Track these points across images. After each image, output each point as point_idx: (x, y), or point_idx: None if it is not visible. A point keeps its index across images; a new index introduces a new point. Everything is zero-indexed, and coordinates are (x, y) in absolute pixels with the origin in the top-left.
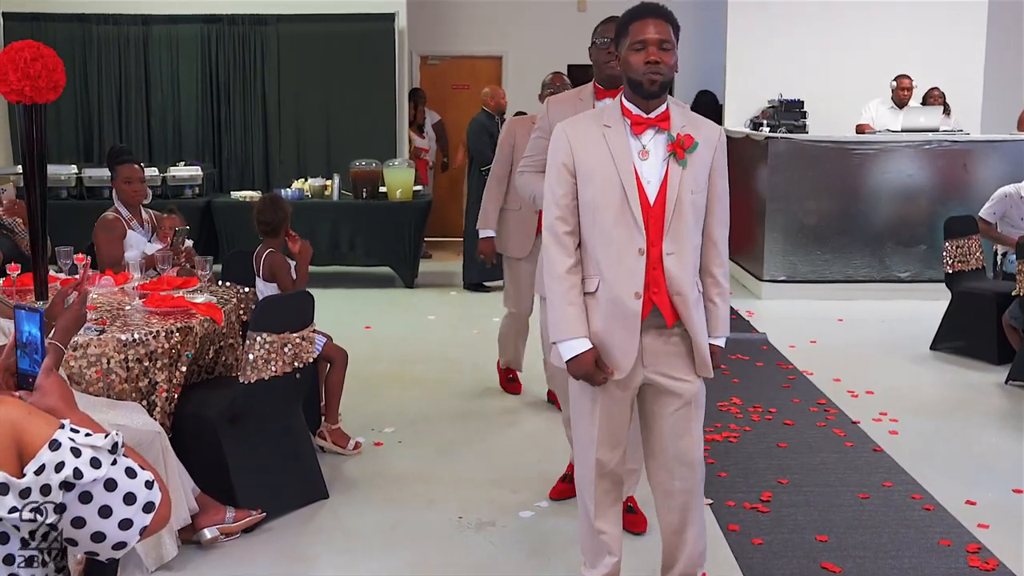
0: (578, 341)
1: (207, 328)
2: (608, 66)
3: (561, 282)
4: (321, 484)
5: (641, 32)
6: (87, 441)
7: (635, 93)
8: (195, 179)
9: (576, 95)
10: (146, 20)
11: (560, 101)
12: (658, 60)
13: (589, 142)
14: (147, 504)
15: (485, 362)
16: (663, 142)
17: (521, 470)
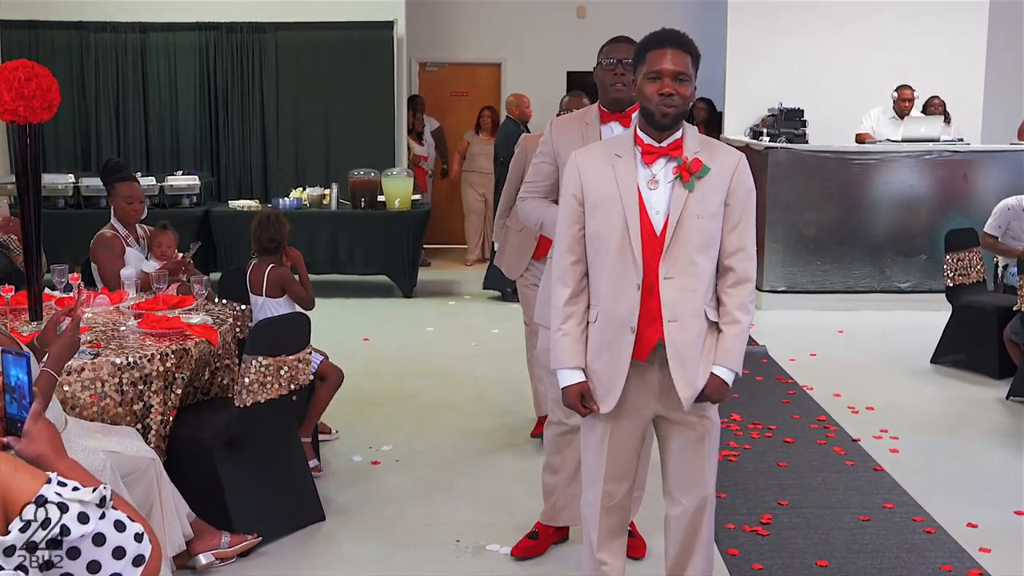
0: (569, 372)
1: (203, 350)
2: (614, 88)
3: (559, 312)
4: (317, 507)
5: (658, 62)
6: (74, 496)
7: (648, 123)
8: (193, 188)
9: (581, 118)
10: (144, 28)
11: (564, 124)
12: (672, 92)
13: (599, 172)
14: (137, 557)
15: (484, 376)
16: (673, 169)
17: (519, 492)
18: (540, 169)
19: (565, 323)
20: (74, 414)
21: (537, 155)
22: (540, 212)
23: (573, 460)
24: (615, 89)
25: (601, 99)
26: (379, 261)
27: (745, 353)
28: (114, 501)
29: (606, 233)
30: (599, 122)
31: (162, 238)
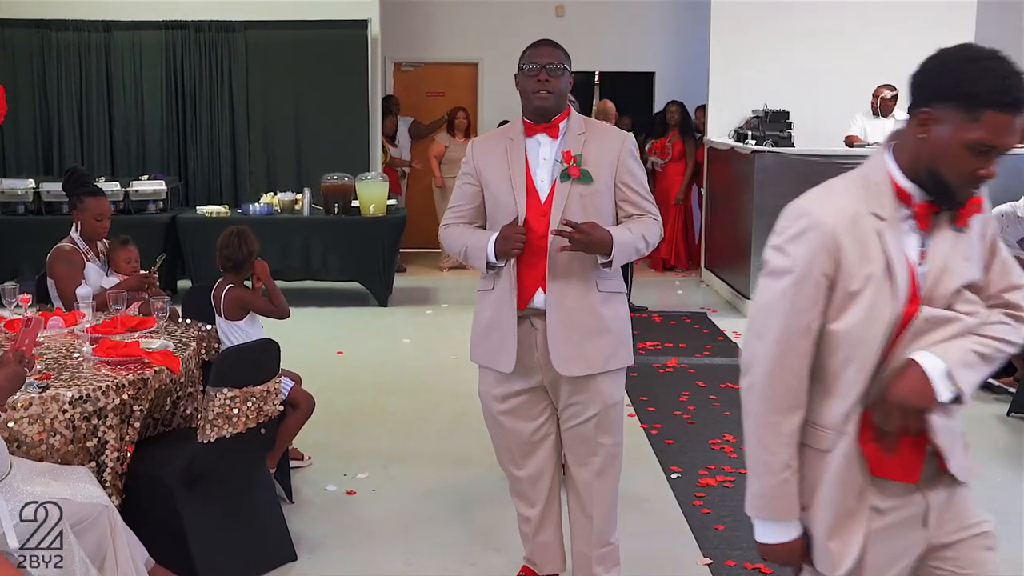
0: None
1: (163, 379)
2: (537, 96)
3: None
4: (288, 546)
5: None
6: None
7: None
8: (159, 194)
9: (504, 133)
10: (108, 26)
11: (486, 142)
12: None
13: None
14: None
15: (464, 391)
16: None
17: (505, 522)
18: (463, 191)
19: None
20: (20, 453)
21: (460, 176)
22: (464, 239)
23: (536, 511)
24: (538, 97)
25: (524, 110)
26: (353, 268)
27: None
28: None
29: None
30: (523, 136)
31: (123, 253)
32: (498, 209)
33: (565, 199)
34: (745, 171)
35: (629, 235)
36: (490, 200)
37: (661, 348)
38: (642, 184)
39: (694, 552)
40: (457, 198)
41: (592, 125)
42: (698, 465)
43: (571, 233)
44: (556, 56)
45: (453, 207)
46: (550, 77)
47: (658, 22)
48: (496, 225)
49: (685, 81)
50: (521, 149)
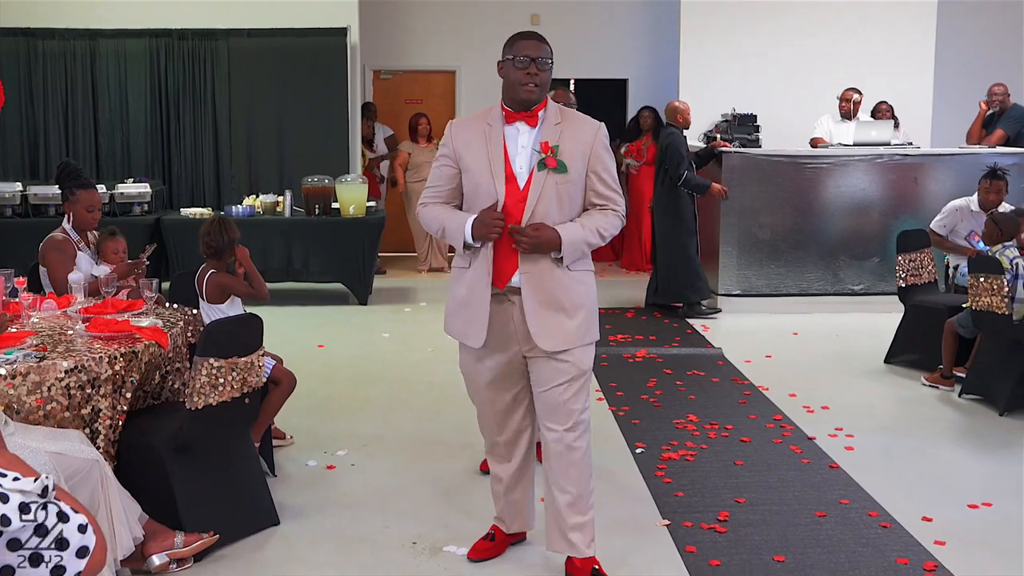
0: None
1: (152, 353)
2: (525, 88)
3: None
4: (272, 510)
5: None
6: (15, 486)
7: None
8: (144, 196)
9: (483, 118)
10: (93, 35)
11: (464, 125)
12: None
13: None
14: (80, 549)
15: (441, 381)
16: None
17: (477, 493)
18: (442, 172)
19: None
20: (19, 418)
21: (438, 157)
22: (442, 219)
23: (511, 469)
24: (526, 89)
25: (506, 98)
26: (334, 268)
27: (700, 355)
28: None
29: None
30: (503, 122)
31: (111, 244)
32: (477, 193)
33: (541, 187)
34: (713, 172)
35: (580, 231)
36: (468, 183)
37: (632, 340)
38: (611, 174)
39: (654, 515)
40: (435, 178)
41: (567, 115)
42: (661, 441)
43: (518, 238)
44: (545, 50)
45: (432, 187)
46: (539, 71)
47: (631, 30)
48: (474, 208)
49: (657, 87)
50: (500, 135)
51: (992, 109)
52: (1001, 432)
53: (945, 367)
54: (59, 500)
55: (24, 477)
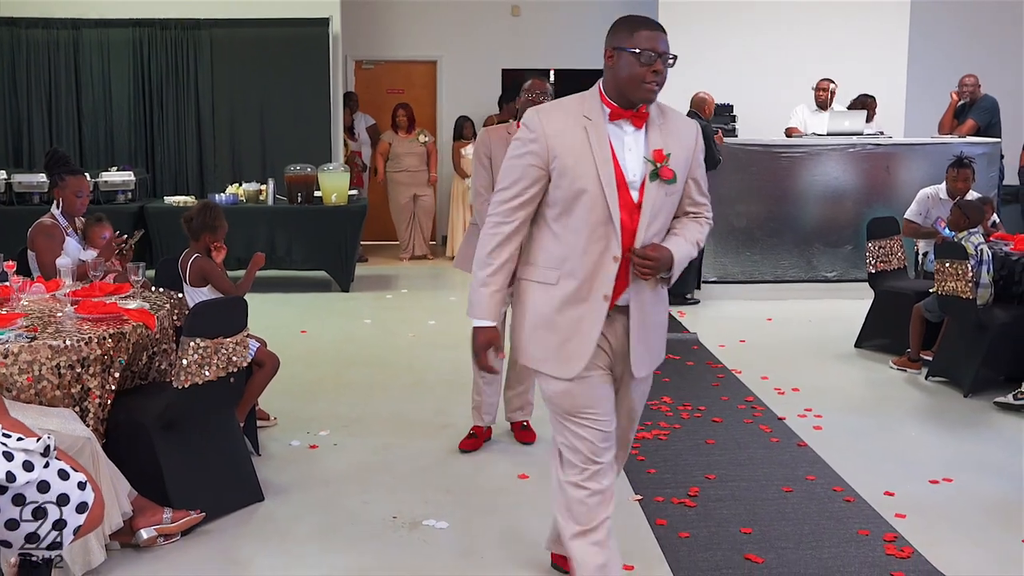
0: None
1: (140, 334)
2: (648, 87)
3: None
4: (256, 487)
5: None
6: (19, 445)
7: None
8: (128, 184)
9: (578, 110)
10: (76, 24)
11: (555, 116)
12: None
13: None
14: (80, 504)
15: (421, 365)
16: None
17: (454, 470)
18: (526, 173)
19: None
20: (10, 397)
21: (520, 153)
22: (485, 277)
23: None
24: (647, 89)
25: (612, 91)
26: (317, 256)
27: (676, 340)
28: (57, 453)
29: None
30: (606, 119)
31: (98, 229)
32: (578, 202)
33: (654, 199)
34: None
35: (687, 248)
36: (564, 189)
37: None
38: (705, 179)
39: (626, 490)
40: (514, 179)
41: (665, 113)
42: None
43: (642, 263)
44: (668, 43)
45: (506, 191)
46: (663, 68)
47: (610, 21)
48: (573, 218)
49: None
50: (604, 135)
51: (963, 100)
52: (964, 412)
53: (912, 350)
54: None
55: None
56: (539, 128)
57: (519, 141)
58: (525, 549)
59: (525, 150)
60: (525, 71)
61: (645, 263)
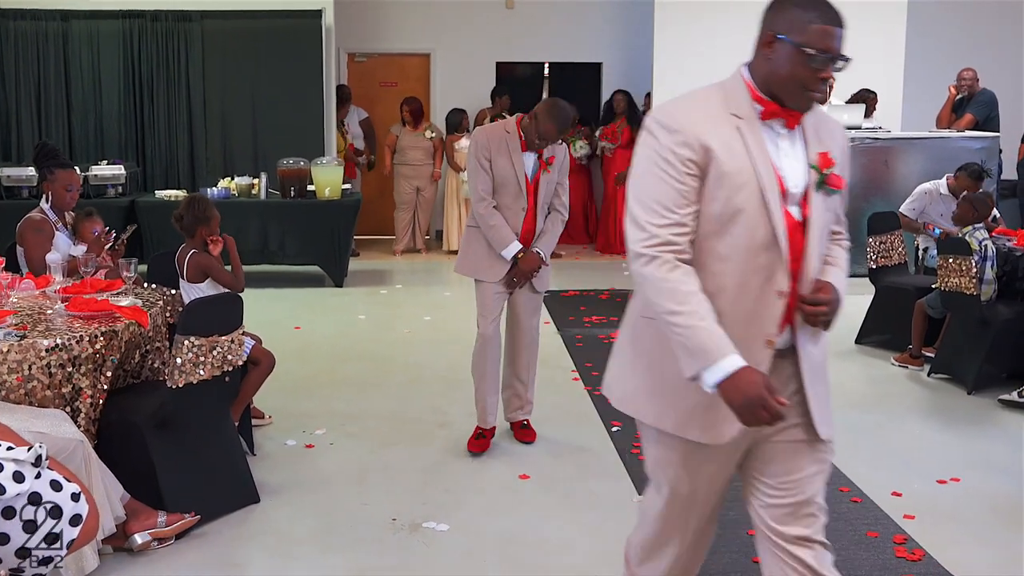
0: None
1: (132, 332)
2: (816, 91)
3: None
4: (252, 488)
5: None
6: (8, 455)
7: None
8: (118, 178)
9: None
10: (65, 15)
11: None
12: None
13: None
14: (74, 517)
15: (417, 361)
16: None
17: (453, 469)
18: (683, 185)
19: None
20: (0, 397)
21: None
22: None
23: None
24: (812, 96)
25: (767, 85)
26: (310, 251)
27: None
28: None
29: None
30: (758, 117)
31: (88, 224)
32: (735, 222)
33: (820, 215)
34: None
35: (844, 281)
36: (719, 205)
37: (607, 321)
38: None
39: (630, 491)
40: (674, 203)
41: (814, 109)
42: None
43: (816, 311)
44: (843, 40)
45: (670, 213)
46: (835, 71)
47: (605, 13)
48: (724, 242)
49: (632, 71)
50: (761, 138)
51: (961, 94)
52: (969, 409)
53: (914, 347)
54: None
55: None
56: (685, 124)
57: (661, 147)
58: (528, 552)
59: (677, 156)
60: (519, 64)
61: (819, 310)
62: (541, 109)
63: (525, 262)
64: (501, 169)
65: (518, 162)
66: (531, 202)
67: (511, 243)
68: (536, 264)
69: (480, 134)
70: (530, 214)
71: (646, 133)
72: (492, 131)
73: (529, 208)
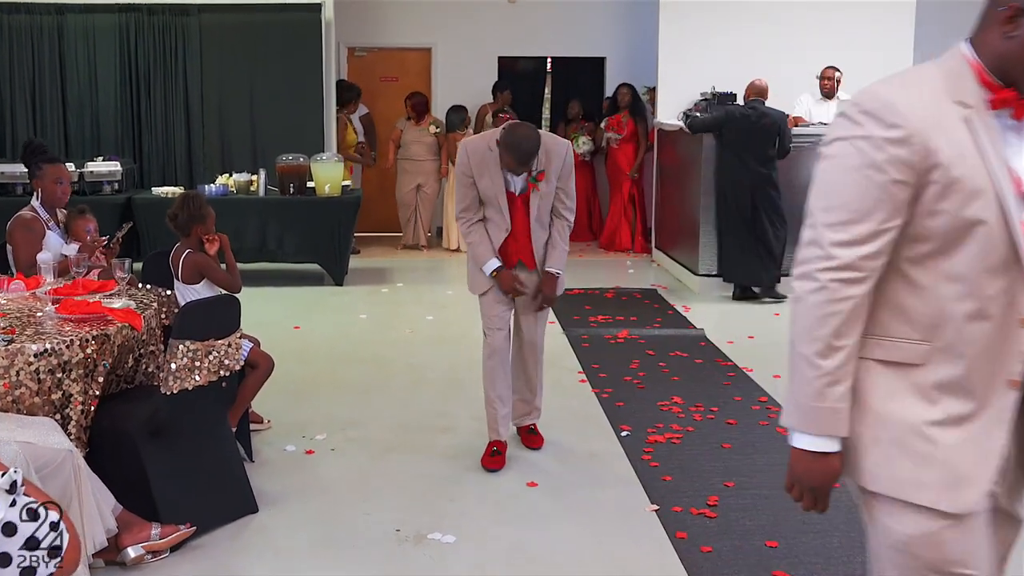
0: None
1: (125, 335)
2: None
3: None
4: (250, 497)
5: None
6: None
7: None
8: (114, 175)
9: (947, 92)
10: (61, 9)
11: (917, 100)
12: None
13: None
14: (52, 549)
15: (420, 363)
16: None
17: (459, 477)
18: (887, 194)
19: None
20: None
21: (876, 166)
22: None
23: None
24: None
25: (1001, 65)
26: (309, 248)
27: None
28: (26, 488)
29: None
30: (986, 106)
31: (81, 221)
32: (969, 236)
33: None
34: (693, 151)
35: None
36: (948, 215)
37: (612, 321)
38: None
39: (643, 500)
40: (866, 210)
41: None
42: (647, 424)
43: None
44: None
45: (854, 226)
46: None
47: (609, 7)
48: (954, 260)
49: (636, 65)
50: (993, 131)
51: None
52: None
53: None
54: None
55: None
56: (907, 118)
57: (864, 141)
58: (538, 565)
59: (883, 156)
60: (521, 59)
61: None
62: (500, 138)
63: (502, 279)
64: (484, 187)
65: (497, 181)
66: (521, 219)
67: (488, 260)
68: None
69: (464, 150)
70: (522, 230)
71: (847, 122)
72: (475, 147)
73: (520, 225)
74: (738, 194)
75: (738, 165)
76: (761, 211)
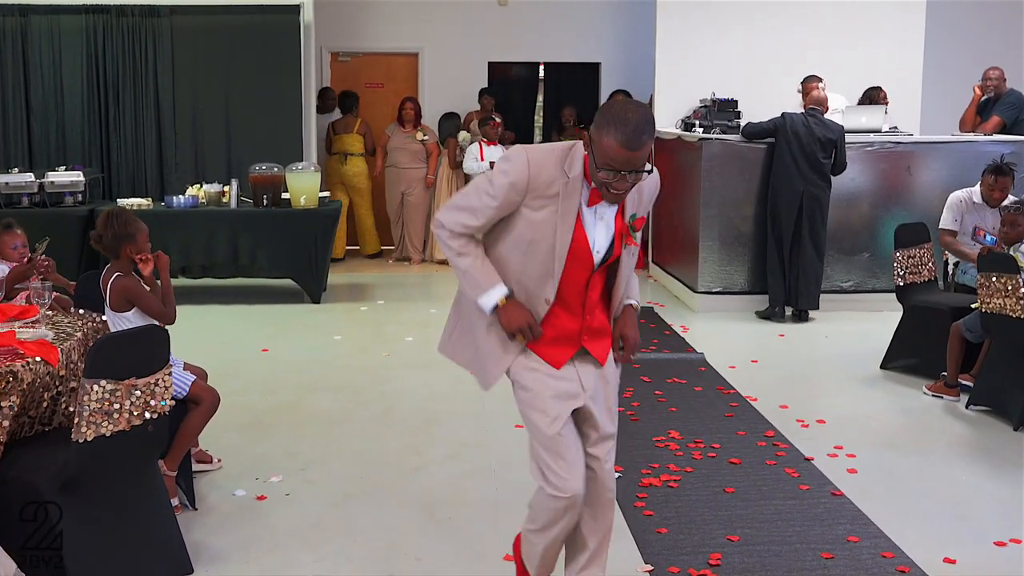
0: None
1: (36, 372)
2: None
3: None
4: (183, 558)
5: None
6: None
7: None
8: (77, 185)
9: None
10: (24, 10)
11: None
12: None
13: None
14: None
15: (394, 390)
16: None
17: (427, 529)
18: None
19: None
20: None
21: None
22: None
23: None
24: None
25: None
26: (284, 264)
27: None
28: None
29: None
30: None
31: (8, 238)
32: None
33: None
34: (692, 160)
35: None
36: None
37: None
38: None
39: (635, 558)
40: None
41: None
42: (641, 464)
43: None
44: None
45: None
46: None
47: (604, 12)
48: None
49: (632, 72)
50: None
51: (987, 95)
52: (1017, 449)
53: (949, 375)
54: None
55: None
56: None
57: None
58: None
59: None
60: (513, 64)
61: None
62: (596, 121)
63: (510, 315)
64: (539, 224)
65: (568, 220)
66: (596, 286)
67: (493, 286)
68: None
69: (525, 158)
70: (595, 300)
71: None
72: (544, 159)
73: (593, 293)
74: (789, 200)
75: (793, 172)
76: (805, 225)
